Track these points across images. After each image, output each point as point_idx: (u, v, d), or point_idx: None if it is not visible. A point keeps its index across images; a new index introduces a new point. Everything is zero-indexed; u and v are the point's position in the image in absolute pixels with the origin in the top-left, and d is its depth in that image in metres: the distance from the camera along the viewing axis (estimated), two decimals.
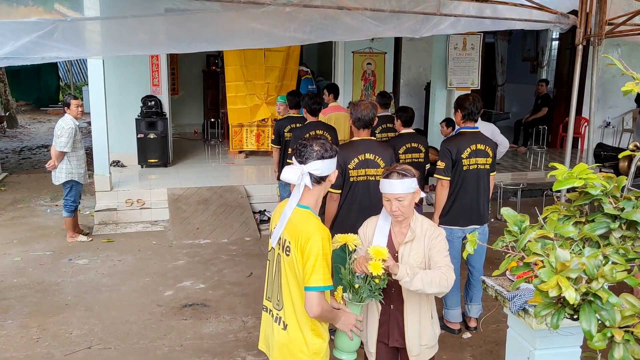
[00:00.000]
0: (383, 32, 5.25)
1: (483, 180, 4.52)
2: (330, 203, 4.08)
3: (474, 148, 4.43)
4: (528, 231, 1.74)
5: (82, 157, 6.62)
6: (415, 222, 2.81)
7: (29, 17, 4.60)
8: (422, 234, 2.79)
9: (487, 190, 4.55)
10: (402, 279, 2.55)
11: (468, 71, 9.22)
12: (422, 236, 2.78)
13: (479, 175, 4.47)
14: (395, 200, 2.71)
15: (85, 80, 18.44)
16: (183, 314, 4.96)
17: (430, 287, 2.58)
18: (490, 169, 4.52)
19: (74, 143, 6.44)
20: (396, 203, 2.71)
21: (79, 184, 6.65)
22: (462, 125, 4.55)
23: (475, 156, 4.43)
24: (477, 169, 4.45)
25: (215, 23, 5.11)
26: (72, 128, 6.40)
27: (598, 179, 1.82)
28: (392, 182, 2.70)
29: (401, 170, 2.73)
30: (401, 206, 2.71)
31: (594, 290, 1.47)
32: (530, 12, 5.13)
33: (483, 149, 4.45)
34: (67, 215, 6.69)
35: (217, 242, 6.81)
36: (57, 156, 6.40)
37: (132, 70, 9.02)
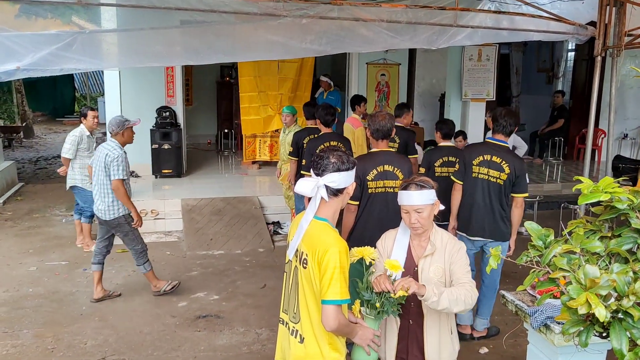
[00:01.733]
0: (399, 43, 5.24)
1: (496, 194, 4.43)
2: (347, 214, 4.02)
3: (488, 158, 4.43)
4: (553, 246, 1.70)
5: (86, 165, 6.58)
6: (435, 235, 2.77)
7: (48, 30, 4.66)
8: (442, 247, 2.74)
9: (502, 207, 4.46)
10: (429, 300, 2.47)
11: (483, 82, 9.19)
12: (443, 249, 2.74)
13: (490, 187, 4.43)
14: (414, 212, 2.67)
15: (101, 91, 18.64)
16: (197, 325, 4.94)
17: (456, 305, 2.52)
18: (504, 185, 4.39)
19: (78, 151, 6.59)
20: (415, 215, 2.67)
21: (85, 190, 6.63)
22: (491, 136, 4.61)
23: (487, 167, 4.42)
24: (488, 180, 4.43)
25: (232, 35, 5.14)
26: (76, 136, 6.58)
27: (624, 193, 1.78)
28: (411, 194, 2.66)
29: (419, 181, 2.70)
30: (420, 218, 2.67)
31: (624, 307, 1.43)
32: (548, 24, 5.09)
33: (498, 162, 4.39)
34: (83, 221, 6.82)
35: (230, 253, 6.80)
36: (63, 162, 6.68)
37: (147, 81, 9.09)
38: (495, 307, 4.74)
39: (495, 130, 4.51)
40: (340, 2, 4.71)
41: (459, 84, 9.23)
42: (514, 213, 4.46)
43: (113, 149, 5.12)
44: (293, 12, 4.59)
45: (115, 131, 5.18)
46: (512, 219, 4.47)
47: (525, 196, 4.45)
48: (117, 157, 5.07)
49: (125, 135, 5.22)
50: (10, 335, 4.71)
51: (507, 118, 4.44)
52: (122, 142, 5.23)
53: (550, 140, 10.92)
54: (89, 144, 6.74)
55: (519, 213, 4.45)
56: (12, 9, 4.58)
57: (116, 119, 5.25)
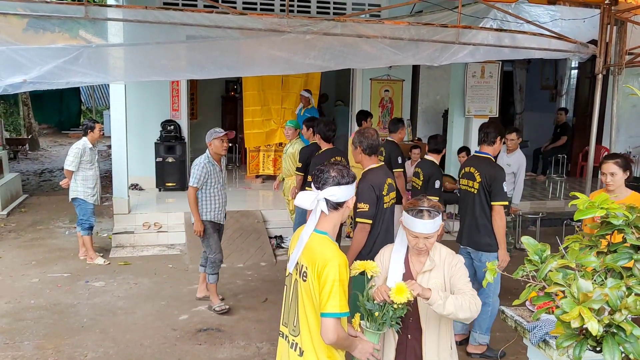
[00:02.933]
0: (401, 59, 5.30)
1: (472, 203, 4.55)
2: (360, 234, 3.91)
3: (467, 170, 4.67)
4: (549, 261, 1.71)
5: (90, 178, 6.76)
6: (434, 250, 2.78)
7: (55, 43, 4.73)
8: (441, 262, 2.76)
9: (481, 216, 4.51)
10: (434, 303, 2.49)
11: (486, 99, 9.22)
12: (442, 265, 2.75)
13: (469, 197, 4.60)
14: (423, 238, 2.68)
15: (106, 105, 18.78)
16: (198, 338, 4.94)
17: (462, 310, 2.52)
18: (478, 193, 4.49)
19: (80, 163, 6.67)
20: (424, 241, 2.68)
21: (87, 202, 6.75)
22: (477, 150, 4.82)
23: (467, 178, 4.65)
24: (467, 190, 4.64)
25: (236, 50, 5.21)
26: (79, 149, 6.67)
27: (620, 209, 1.80)
28: (424, 223, 2.63)
29: (431, 207, 2.67)
30: (428, 243, 2.69)
31: (617, 322, 1.44)
32: (550, 42, 5.15)
33: (472, 172, 4.58)
34: (82, 234, 6.85)
35: (232, 266, 6.80)
36: (65, 174, 6.74)
37: (153, 95, 9.17)
38: (497, 324, 4.72)
39: (479, 142, 4.72)
40: (343, 18, 4.78)
41: (462, 100, 9.27)
42: (494, 223, 4.48)
43: (198, 158, 5.34)
44: (297, 28, 4.66)
45: (207, 142, 5.35)
46: (494, 229, 4.48)
47: (501, 204, 4.45)
48: (195, 165, 5.27)
49: (212, 146, 5.32)
50: (11, 346, 4.72)
51: (487, 129, 4.62)
52: (212, 152, 5.35)
53: (554, 157, 10.93)
54: (91, 157, 6.81)
55: (497, 222, 4.46)
56: (20, 22, 4.66)
57: (210, 131, 5.41)
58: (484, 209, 4.50)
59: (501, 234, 4.49)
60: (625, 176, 3.92)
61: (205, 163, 5.26)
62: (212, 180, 5.34)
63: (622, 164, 3.90)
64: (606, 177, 3.93)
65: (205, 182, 5.29)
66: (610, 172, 3.90)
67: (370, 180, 3.95)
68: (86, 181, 6.72)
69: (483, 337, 4.68)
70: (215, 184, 5.38)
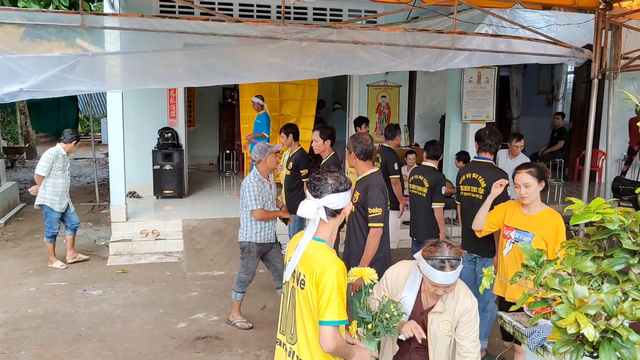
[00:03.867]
0: (398, 66, 5.32)
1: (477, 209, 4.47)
2: (376, 239, 3.92)
3: (469, 176, 4.66)
4: (545, 266, 1.71)
5: (60, 185, 6.77)
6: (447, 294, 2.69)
7: (51, 52, 4.74)
8: (452, 305, 2.69)
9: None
10: None
11: (483, 104, 9.24)
12: (453, 308, 2.69)
13: (472, 203, 4.56)
14: (444, 287, 2.61)
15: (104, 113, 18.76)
16: (196, 346, 4.92)
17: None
18: (482, 199, 4.45)
19: (52, 169, 6.68)
20: (444, 289, 2.62)
21: (53, 211, 6.77)
22: (477, 155, 4.79)
23: (470, 184, 4.64)
24: (470, 197, 4.62)
25: (233, 57, 5.22)
26: (52, 155, 6.69)
27: (616, 214, 1.80)
28: (446, 275, 2.54)
29: (452, 257, 2.56)
30: (448, 290, 2.63)
31: (613, 327, 1.44)
32: (545, 47, 5.16)
33: (476, 178, 4.58)
34: (48, 241, 6.91)
35: (231, 274, 6.78)
36: (36, 179, 6.72)
37: (150, 102, 9.18)
38: (496, 329, 4.71)
39: (481, 149, 4.70)
40: (339, 25, 4.79)
41: (459, 105, 9.29)
42: None
43: (247, 179, 5.03)
44: (293, 35, 4.68)
45: (258, 158, 5.02)
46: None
47: None
48: (248, 188, 4.93)
49: (268, 161, 5.01)
50: (9, 356, 4.69)
51: (492, 137, 4.63)
52: (264, 168, 5.02)
53: (551, 161, 10.94)
54: (63, 164, 6.83)
55: None
56: (17, 31, 4.67)
57: (259, 146, 5.06)
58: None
59: None
60: (541, 187, 3.67)
61: (257, 182, 4.95)
62: (264, 199, 5.04)
63: (536, 174, 3.64)
64: (520, 189, 3.66)
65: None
66: (524, 182, 3.64)
67: (380, 184, 3.99)
68: (55, 188, 6.74)
69: (481, 342, 4.66)
70: (266, 201, 5.05)
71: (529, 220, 3.70)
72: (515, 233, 3.73)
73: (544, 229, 3.61)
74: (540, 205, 3.72)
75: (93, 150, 10.41)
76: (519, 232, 3.71)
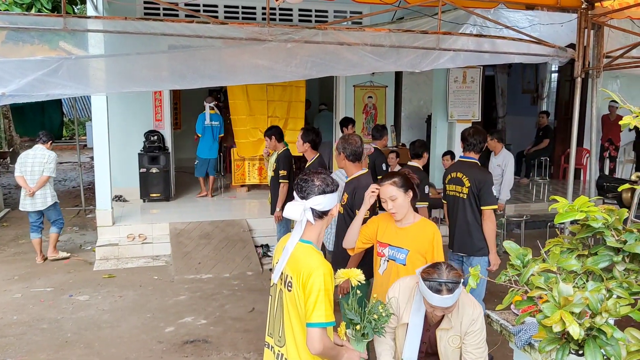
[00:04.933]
0: (383, 66, 5.32)
1: (463, 209, 4.57)
2: None
3: (454, 175, 4.69)
4: (531, 265, 1.72)
5: (52, 182, 7.35)
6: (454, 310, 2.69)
7: (34, 56, 4.68)
8: (458, 319, 2.70)
9: (471, 221, 4.54)
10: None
11: (469, 104, 9.30)
12: (459, 322, 2.70)
13: (457, 202, 4.62)
14: (441, 309, 2.60)
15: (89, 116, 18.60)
16: (184, 350, 4.89)
17: None
18: (468, 198, 4.52)
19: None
20: (442, 310, 2.61)
21: (57, 203, 7.40)
22: (462, 154, 4.83)
23: (455, 183, 4.67)
24: (455, 196, 4.65)
25: (218, 59, 5.19)
26: (56, 156, 7.30)
27: (599, 212, 1.81)
28: (444, 299, 2.52)
29: (450, 280, 2.54)
30: (447, 311, 2.63)
31: (598, 325, 1.45)
32: (529, 46, 5.20)
33: (460, 177, 4.61)
34: (58, 232, 7.40)
35: (219, 276, 6.76)
36: (44, 181, 7.10)
37: (135, 105, 9.11)
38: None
39: (466, 149, 4.73)
40: (324, 26, 4.79)
41: (444, 105, 9.34)
42: (484, 227, 4.51)
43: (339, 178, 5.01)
44: (278, 37, 4.66)
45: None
46: (485, 232, 4.52)
47: (491, 208, 4.49)
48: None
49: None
50: None
51: (475, 136, 4.67)
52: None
53: (536, 160, 11.04)
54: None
55: (488, 226, 4.50)
56: None
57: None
58: (474, 214, 4.53)
59: (492, 237, 4.53)
60: (409, 197, 3.27)
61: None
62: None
63: (400, 184, 3.23)
64: (387, 204, 3.26)
65: None
66: (389, 196, 3.23)
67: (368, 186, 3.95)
68: (52, 185, 7.29)
69: None
70: None
71: (402, 234, 3.31)
72: (388, 250, 3.34)
73: (419, 242, 3.26)
74: (413, 216, 3.34)
75: (78, 154, 10.32)
76: (392, 249, 3.32)
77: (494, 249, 4.57)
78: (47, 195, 7.16)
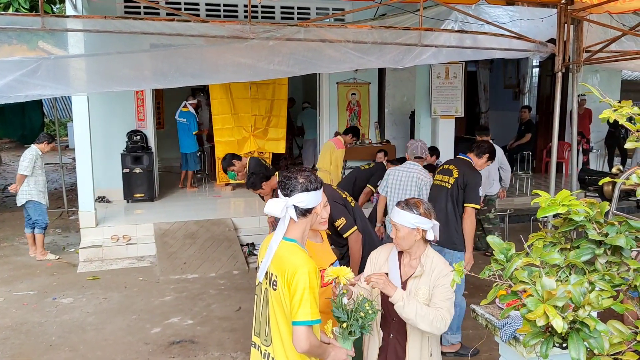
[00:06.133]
0: (366, 63, 5.33)
1: (445, 198, 4.59)
2: (357, 244, 3.86)
3: (445, 167, 4.77)
4: (514, 259, 1.73)
5: (40, 182, 7.33)
6: (426, 258, 2.80)
7: (12, 56, 4.62)
8: (430, 270, 2.76)
9: (451, 212, 4.57)
10: (396, 302, 2.58)
11: (452, 99, 9.35)
12: (430, 273, 2.76)
13: (440, 191, 4.64)
14: (394, 227, 2.79)
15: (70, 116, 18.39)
16: (171, 351, 4.86)
17: (422, 321, 2.58)
18: (452, 188, 4.55)
19: (34, 168, 7.22)
20: (395, 231, 2.78)
21: (40, 203, 7.31)
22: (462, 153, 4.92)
23: (442, 173, 4.73)
24: (440, 185, 4.68)
25: (200, 58, 5.17)
26: (33, 155, 7.23)
27: (581, 205, 1.82)
28: (398, 212, 2.78)
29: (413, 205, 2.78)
30: (398, 235, 2.77)
31: (581, 318, 1.46)
32: (510, 42, 5.24)
33: (451, 169, 4.67)
34: (38, 232, 7.33)
35: (205, 276, 6.73)
36: (18, 179, 7.19)
37: (117, 105, 9.02)
38: (470, 322, 4.77)
39: (470, 150, 4.78)
40: (306, 24, 4.78)
41: (428, 101, 9.38)
42: (464, 224, 4.55)
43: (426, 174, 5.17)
44: (260, 35, 4.65)
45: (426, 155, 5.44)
46: (464, 230, 4.55)
47: (473, 207, 4.52)
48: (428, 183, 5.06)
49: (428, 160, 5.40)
50: None
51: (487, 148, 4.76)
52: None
53: (519, 154, 11.13)
54: (41, 163, 7.38)
55: (468, 224, 4.53)
56: None
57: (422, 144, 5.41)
58: (454, 206, 4.56)
59: (470, 236, 4.55)
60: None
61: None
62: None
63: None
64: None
65: None
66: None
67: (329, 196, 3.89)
68: (37, 185, 7.27)
69: (455, 336, 4.72)
70: None
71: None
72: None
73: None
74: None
75: (60, 155, 10.19)
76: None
77: (470, 249, 4.59)
78: (23, 193, 7.24)
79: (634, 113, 1.84)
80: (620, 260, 1.78)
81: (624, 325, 1.56)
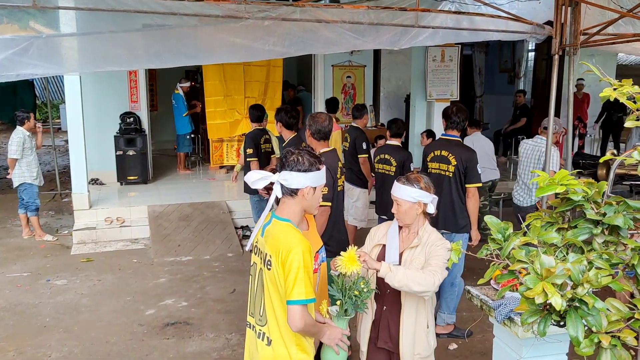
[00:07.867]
0: (362, 44, 5.27)
1: (449, 186, 4.58)
2: (323, 217, 3.84)
3: (438, 153, 4.68)
4: (512, 238, 1.72)
5: (32, 163, 7.28)
6: (423, 231, 2.87)
7: (3, 35, 4.53)
8: (426, 241, 2.83)
9: (456, 199, 4.58)
10: (385, 275, 2.60)
11: (447, 83, 9.31)
12: (426, 244, 2.82)
13: (443, 180, 4.60)
14: (395, 202, 2.85)
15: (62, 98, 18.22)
16: (165, 333, 4.87)
17: (415, 283, 2.60)
18: (454, 176, 4.55)
19: (23, 151, 7.16)
20: (396, 205, 2.84)
21: (33, 185, 7.28)
22: (444, 132, 4.80)
23: (439, 161, 4.66)
24: (439, 174, 4.63)
25: (194, 38, 5.09)
26: (21, 138, 7.17)
27: (579, 185, 1.82)
28: (398, 186, 2.84)
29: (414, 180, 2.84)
30: (399, 209, 2.83)
31: (579, 295, 1.46)
32: (507, 24, 5.19)
33: (445, 155, 4.61)
34: (30, 215, 7.32)
35: (199, 258, 6.72)
36: (10, 163, 7.21)
37: (110, 86, 8.94)
38: (464, 304, 4.80)
39: (448, 127, 4.73)
40: (302, 3, 4.72)
41: (423, 84, 9.33)
42: (468, 203, 4.58)
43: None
44: (255, 14, 4.58)
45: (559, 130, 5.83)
46: (468, 209, 4.59)
47: (476, 186, 4.56)
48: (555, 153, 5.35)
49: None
50: None
51: (459, 114, 4.69)
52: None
53: (514, 138, 11.12)
54: (31, 144, 7.29)
55: (472, 203, 4.58)
56: None
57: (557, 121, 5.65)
58: (459, 192, 4.58)
59: (474, 214, 4.61)
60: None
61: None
62: None
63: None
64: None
65: None
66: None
67: (328, 164, 3.91)
68: (30, 166, 7.22)
69: (450, 316, 4.75)
70: None
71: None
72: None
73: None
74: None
75: (52, 138, 10.11)
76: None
77: (476, 225, 4.66)
78: (16, 175, 7.22)
79: (634, 92, 1.82)
80: (618, 240, 1.78)
81: (622, 303, 1.56)
